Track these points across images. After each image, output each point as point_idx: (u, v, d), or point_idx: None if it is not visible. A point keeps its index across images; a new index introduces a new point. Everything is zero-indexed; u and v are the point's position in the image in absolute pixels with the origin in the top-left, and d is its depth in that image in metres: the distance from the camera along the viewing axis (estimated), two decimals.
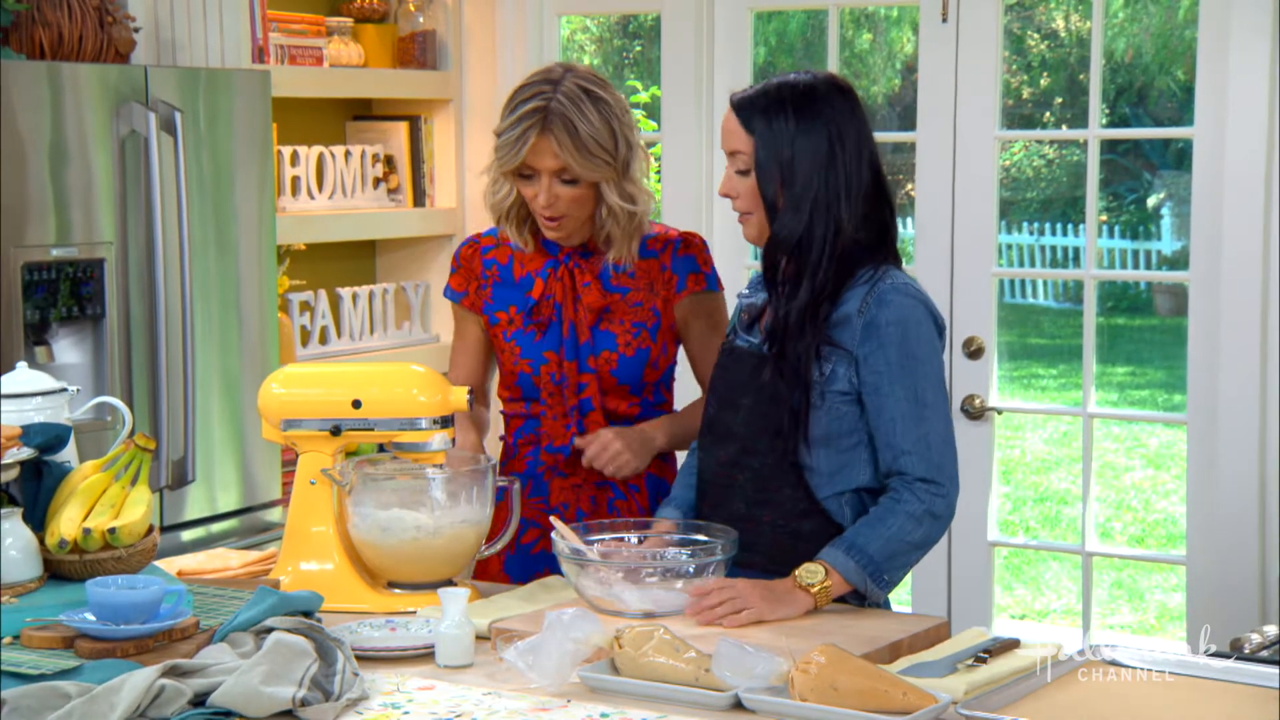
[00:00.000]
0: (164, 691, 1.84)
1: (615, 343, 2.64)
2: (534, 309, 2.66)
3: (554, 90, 2.56)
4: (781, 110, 2.38)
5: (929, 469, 2.32)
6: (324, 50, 4.24)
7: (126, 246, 3.43)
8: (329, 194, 4.26)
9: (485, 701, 1.95)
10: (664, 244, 2.68)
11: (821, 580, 2.26)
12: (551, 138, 2.55)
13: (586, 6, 5.10)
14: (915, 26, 4.17)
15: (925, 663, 2.04)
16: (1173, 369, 10.06)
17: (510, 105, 2.60)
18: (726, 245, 4.23)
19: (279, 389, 2.46)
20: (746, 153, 2.40)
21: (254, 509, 3.71)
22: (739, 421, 2.42)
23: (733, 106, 2.44)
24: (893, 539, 2.29)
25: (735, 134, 2.41)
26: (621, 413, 2.66)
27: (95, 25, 3.54)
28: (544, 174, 2.57)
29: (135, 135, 3.43)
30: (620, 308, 2.65)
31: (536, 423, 2.68)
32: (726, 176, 2.44)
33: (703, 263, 2.69)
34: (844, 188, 2.36)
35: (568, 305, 2.65)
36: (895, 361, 2.32)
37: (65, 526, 2.22)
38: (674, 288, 2.66)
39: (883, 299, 2.34)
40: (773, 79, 2.44)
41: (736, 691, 1.92)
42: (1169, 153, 12.48)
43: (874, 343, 2.33)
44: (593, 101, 2.57)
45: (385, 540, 2.36)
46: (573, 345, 2.64)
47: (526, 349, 2.67)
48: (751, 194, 2.40)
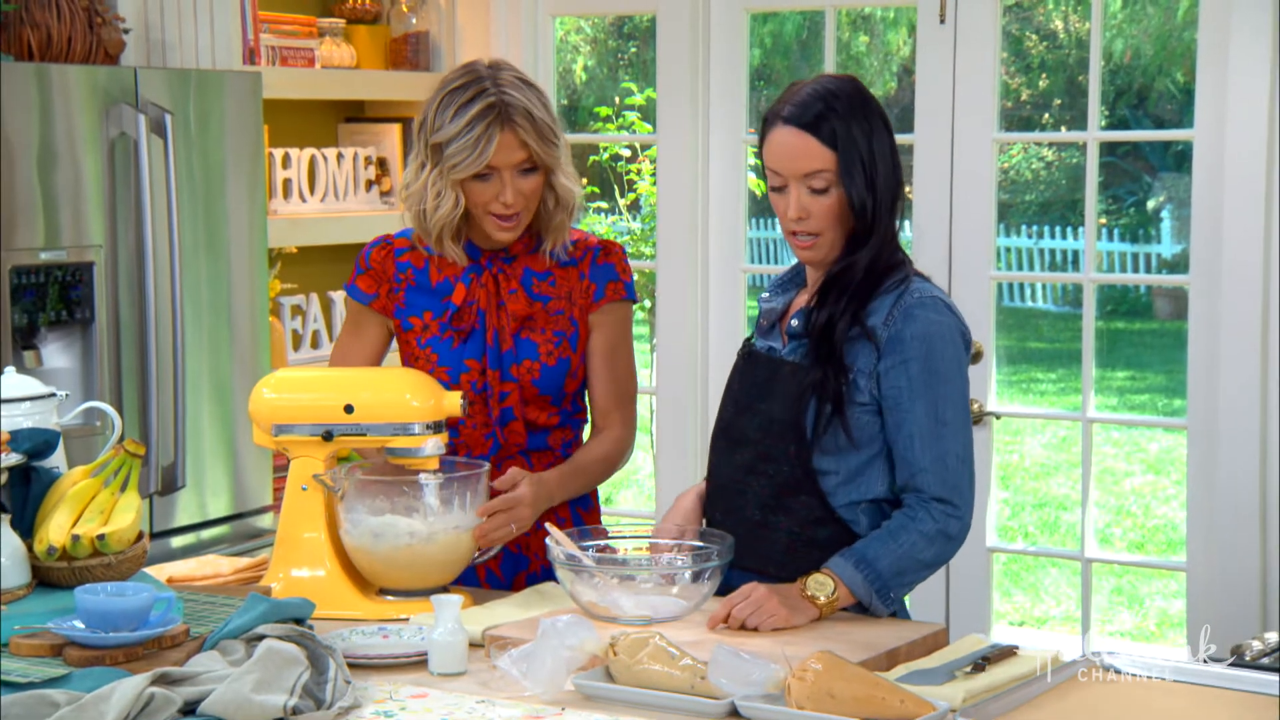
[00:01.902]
0: (154, 700, 1.83)
1: (537, 352, 2.59)
2: (455, 315, 2.60)
3: (494, 85, 2.51)
4: (851, 116, 2.32)
5: (945, 488, 2.29)
6: (316, 51, 4.22)
7: (116, 250, 3.41)
8: (321, 196, 4.23)
9: (479, 710, 1.94)
10: (583, 251, 2.63)
11: (830, 594, 2.24)
12: (517, 129, 2.50)
13: (581, 7, 5.09)
14: (912, 28, 4.15)
15: (923, 670, 2.03)
16: (1173, 373, 10.05)
17: (449, 109, 2.51)
18: (722, 249, 4.21)
19: (270, 394, 2.44)
20: (829, 169, 2.31)
21: (245, 515, 3.69)
22: (755, 427, 2.38)
23: (794, 124, 2.33)
24: (904, 556, 2.27)
25: (811, 152, 2.32)
26: (541, 423, 2.61)
27: (84, 26, 3.51)
28: (505, 170, 2.51)
29: (125, 137, 3.41)
30: (541, 316, 2.60)
31: (454, 432, 2.59)
32: (795, 200, 2.33)
33: (621, 270, 2.64)
34: (901, 188, 2.35)
35: (491, 312, 2.59)
36: (917, 377, 2.29)
37: (54, 533, 2.21)
38: (592, 296, 2.62)
39: (909, 313, 2.30)
40: (804, 88, 2.35)
41: (733, 700, 1.90)
42: (1169, 155, 12.48)
43: (897, 357, 2.29)
44: (530, 87, 2.54)
45: (377, 546, 2.35)
46: (496, 353, 2.58)
47: (445, 356, 2.60)
48: (829, 213, 2.33)
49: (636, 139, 6.21)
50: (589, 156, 7.13)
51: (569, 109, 11.47)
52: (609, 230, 6.75)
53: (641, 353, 9.62)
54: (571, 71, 11.78)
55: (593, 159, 6.91)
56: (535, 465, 2.59)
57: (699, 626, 2.23)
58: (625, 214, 6.60)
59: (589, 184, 6.89)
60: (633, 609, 2.24)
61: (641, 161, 6.43)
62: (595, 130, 7.01)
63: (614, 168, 6.55)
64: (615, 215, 6.67)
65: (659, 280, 4.26)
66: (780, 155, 2.34)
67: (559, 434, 2.64)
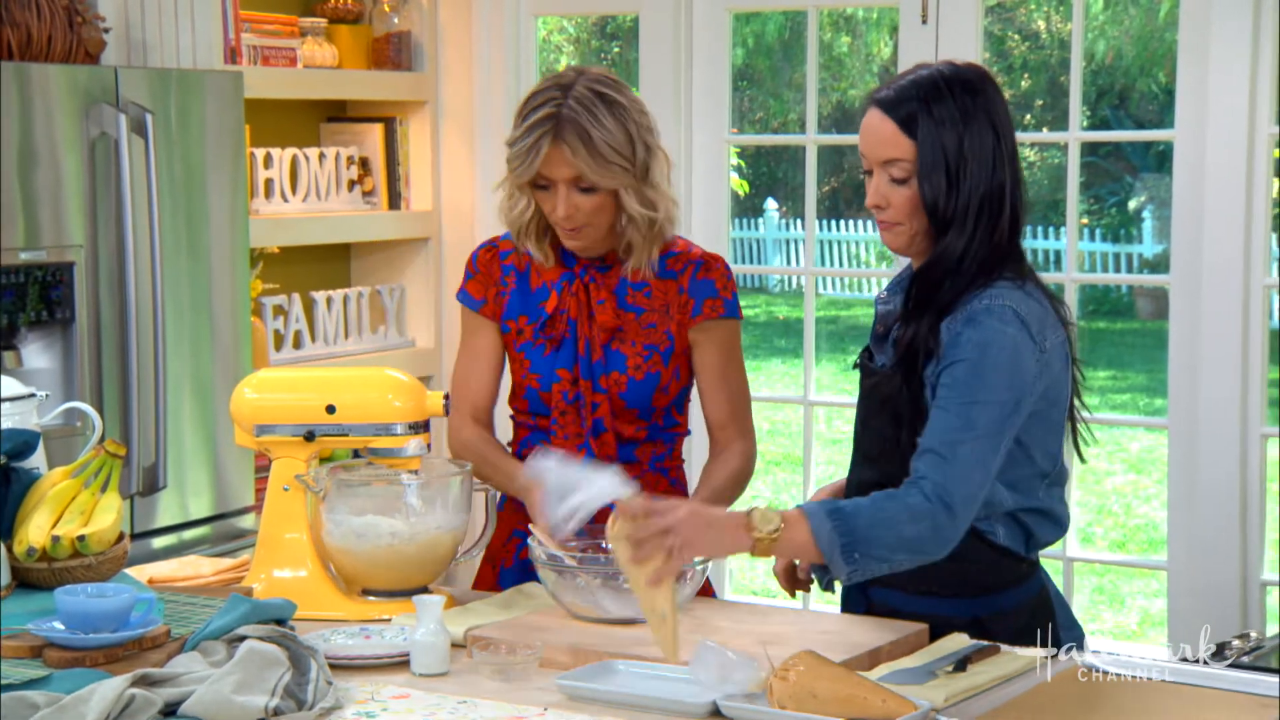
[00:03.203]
0: (134, 701, 1.83)
1: (625, 364, 2.55)
2: (548, 323, 2.57)
3: (565, 95, 2.46)
4: (944, 105, 2.20)
5: (949, 483, 2.13)
6: (297, 51, 4.21)
7: (97, 250, 3.40)
8: (303, 196, 4.22)
9: (460, 710, 1.94)
10: (684, 264, 2.58)
11: (771, 532, 2.07)
12: (565, 146, 2.44)
13: (564, 7, 5.09)
14: (894, 28, 4.15)
15: (905, 669, 2.04)
16: (1154, 373, 10.08)
17: (521, 114, 2.50)
18: (711, 250, 4.20)
19: (252, 394, 2.43)
20: (908, 159, 2.21)
21: (226, 515, 3.68)
22: (873, 444, 2.30)
23: (882, 108, 2.23)
24: (883, 522, 2.11)
25: (891, 140, 2.22)
26: (628, 436, 2.57)
27: (64, 25, 3.50)
28: (560, 184, 2.47)
29: (105, 137, 3.40)
30: (633, 328, 2.56)
31: (544, 437, 2.58)
32: (875, 187, 2.24)
33: (722, 288, 2.58)
34: (1008, 187, 2.24)
35: (582, 322, 2.56)
36: (961, 380, 2.17)
37: (34, 534, 2.20)
38: (689, 312, 2.56)
39: (973, 318, 2.19)
40: (912, 72, 2.24)
41: (715, 699, 1.91)
42: (1150, 155, 12.52)
43: (949, 359, 2.19)
44: (606, 105, 2.46)
45: (359, 547, 2.34)
46: (587, 364, 2.55)
47: (537, 363, 2.57)
48: (908, 204, 2.22)
49: None
50: None
51: None
52: None
53: None
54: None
55: None
56: None
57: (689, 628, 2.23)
58: None
59: None
60: (617, 610, 2.23)
61: None
62: None
63: None
64: None
65: None
66: (864, 138, 2.25)
67: (648, 447, 2.59)
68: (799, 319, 6.36)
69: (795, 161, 13.02)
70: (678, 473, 2.66)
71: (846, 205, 13.63)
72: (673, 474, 2.64)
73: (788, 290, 13.51)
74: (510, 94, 4.31)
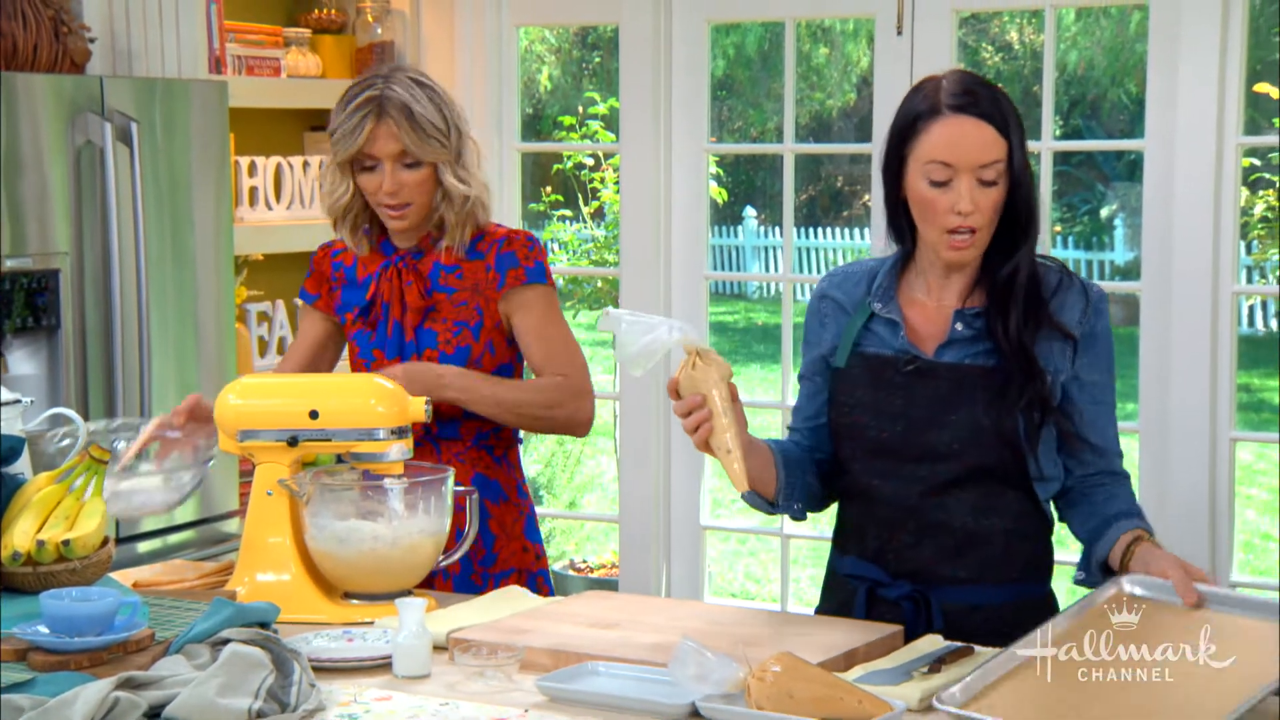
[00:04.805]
0: (118, 704, 1.83)
1: (436, 340, 2.71)
2: (367, 309, 2.75)
3: (385, 82, 2.67)
4: (1010, 105, 2.27)
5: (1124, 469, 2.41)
6: (282, 61, 4.23)
7: (82, 257, 3.41)
8: (287, 204, 4.25)
9: (442, 712, 1.95)
10: (490, 244, 2.73)
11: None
12: (390, 120, 2.64)
13: (545, 18, 5.11)
14: (871, 39, 4.20)
15: (881, 670, 2.06)
16: (1125, 378, 10.07)
17: (345, 100, 2.70)
18: (685, 256, 4.24)
19: (236, 399, 2.45)
20: (1002, 159, 2.24)
21: (211, 520, 3.69)
22: (950, 439, 2.30)
23: (976, 114, 2.24)
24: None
25: (989, 141, 2.23)
26: (447, 413, 2.68)
27: (50, 35, 3.52)
28: (385, 160, 2.66)
29: (91, 146, 3.41)
30: (445, 307, 2.72)
31: None
32: (968, 192, 2.23)
33: (524, 258, 2.71)
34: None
35: (394, 305, 2.73)
36: (1107, 371, 2.35)
37: (19, 539, 2.20)
38: (495, 285, 2.71)
39: (1098, 309, 2.33)
40: (954, 81, 2.27)
41: (693, 700, 1.93)
42: (1121, 164, 12.59)
43: (1093, 353, 2.32)
44: (423, 89, 2.68)
45: (342, 551, 2.36)
46: (396, 344, 2.73)
47: (363, 348, 2.77)
48: (994, 206, 2.25)
49: (600, 148, 6.24)
50: (553, 165, 7.16)
51: (533, 118, 11.49)
52: (573, 238, 6.77)
53: (605, 359, 9.60)
54: (536, 81, 11.80)
55: (556, 167, 6.94)
56: (444, 453, 2.69)
57: (667, 631, 2.26)
58: (589, 222, 6.62)
59: (553, 193, 6.91)
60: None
61: (605, 170, 6.46)
62: (559, 139, 7.04)
63: (578, 176, 6.58)
64: (579, 223, 6.69)
65: (622, 287, 4.29)
66: (956, 144, 2.23)
67: (472, 424, 2.71)
68: (777, 325, 6.39)
69: (773, 170, 13.06)
70: (505, 451, 2.75)
71: (824, 213, 13.67)
72: (498, 451, 2.74)
73: (766, 297, 13.54)
74: (493, 103, 4.34)
